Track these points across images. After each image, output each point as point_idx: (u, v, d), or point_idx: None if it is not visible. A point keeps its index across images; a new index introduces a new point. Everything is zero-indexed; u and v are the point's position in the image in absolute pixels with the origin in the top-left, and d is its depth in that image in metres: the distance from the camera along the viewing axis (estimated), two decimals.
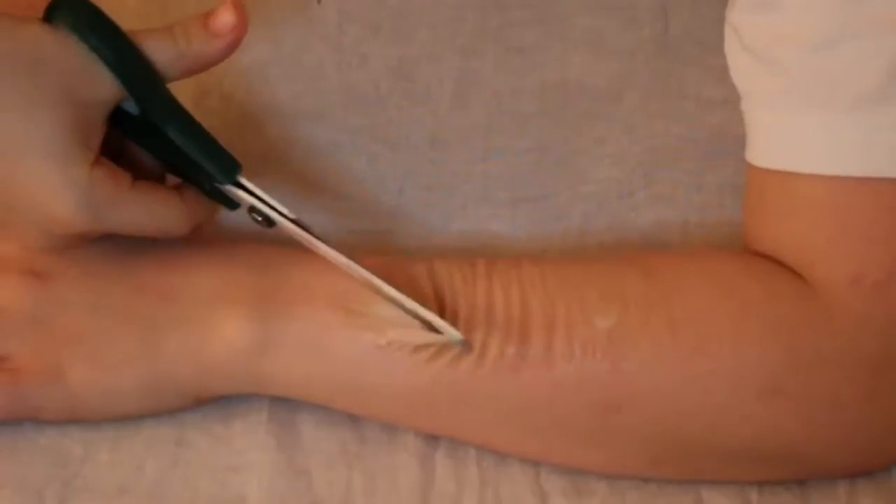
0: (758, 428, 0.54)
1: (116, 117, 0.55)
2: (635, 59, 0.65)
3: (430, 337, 0.54)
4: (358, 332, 0.56)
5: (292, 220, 0.56)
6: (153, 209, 0.55)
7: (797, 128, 0.54)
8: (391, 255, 0.63)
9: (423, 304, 0.54)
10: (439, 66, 0.66)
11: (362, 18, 0.65)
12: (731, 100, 0.64)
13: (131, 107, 0.55)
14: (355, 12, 0.65)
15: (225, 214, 0.60)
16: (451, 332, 0.54)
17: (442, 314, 0.55)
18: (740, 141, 0.60)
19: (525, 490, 0.57)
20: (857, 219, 0.53)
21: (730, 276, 0.56)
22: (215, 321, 0.57)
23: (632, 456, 0.56)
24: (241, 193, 0.56)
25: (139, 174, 0.56)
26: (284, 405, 0.59)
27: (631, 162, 0.65)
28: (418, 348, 0.55)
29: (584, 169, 0.65)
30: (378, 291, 0.55)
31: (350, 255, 0.56)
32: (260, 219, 0.56)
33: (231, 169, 0.56)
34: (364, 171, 0.65)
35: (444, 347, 0.55)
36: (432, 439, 0.58)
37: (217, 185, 0.56)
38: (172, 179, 0.59)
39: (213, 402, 0.59)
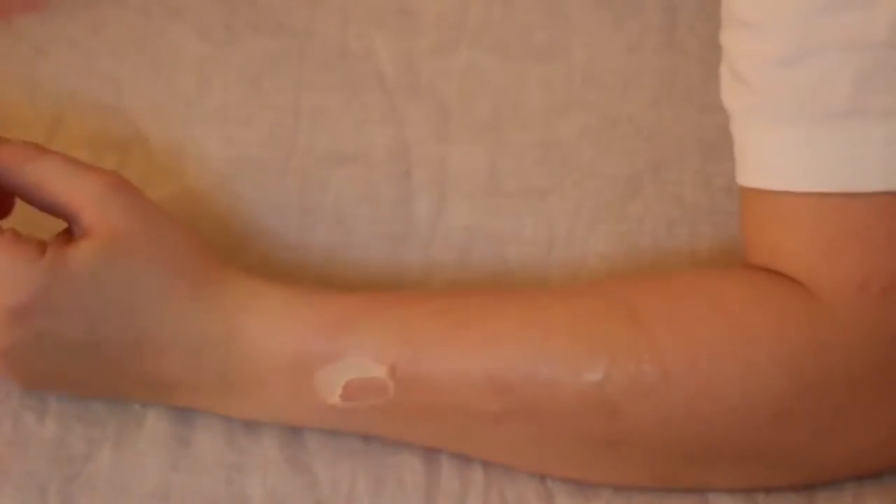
0: (766, 446, 0.54)
1: None
2: (641, 55, 0.65)
3: None
4: (318, 402, 0.56)
5: None
6: None
7: (769, 145, 0.53)
8: (392, 250, 0.63)
9: None
10: (445, 59, 0.65)
11: (367, 11, 0.65)
12: None
13: None
14: (360, 4, 0.64)
15: None
16: None
17: None
18: None
19: (530, 491, 0.57)
20: (855, 225, 0.52)
21: (732, 308, 0.54)
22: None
23: (637, 476, 0.56)
24: None
25: None
26: None
27: (638, 158, 0.64)
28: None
29: (591, 164, 0.64)
30: None
31: None
32: None
33: None
34: (369, 165, 0.65)
35: None
36: None
37: None
38: None
39: None
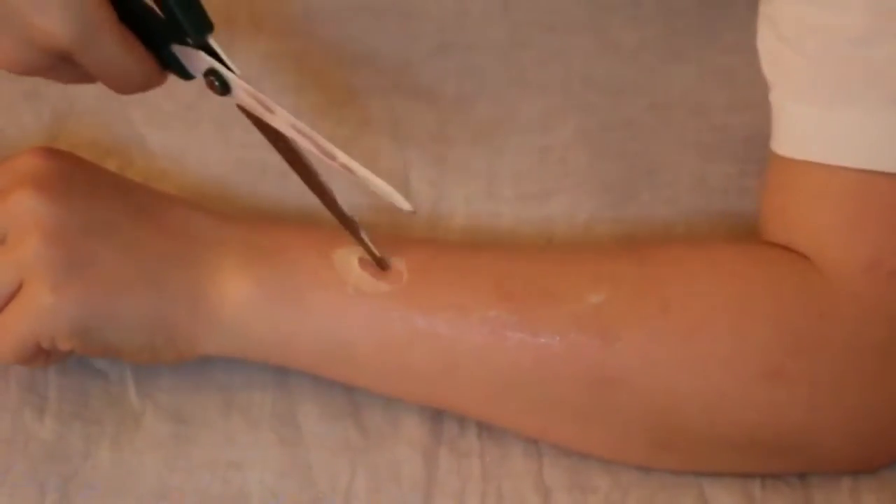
0: (759, 413, 0.54)
1: None
2: (638, 58, 0.65)
3: (381, 190, 0.54)
4: (338, 282, 0.56)
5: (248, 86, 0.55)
6: (129, 51, 0.53)
7: (829, 120, 0.53)
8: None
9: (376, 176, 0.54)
10: (443, 61, 0.66)
11: (367, 13, 0.65)
12: (735, 101, 0.65)
13: None
14: (359, 6, 0.65)
15: None
16: (401, 201, 0.53)
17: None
18: (744, 142, 0.61)
19: (527, 485, 0.57)
20: (879, 205, 0.53)
21: (730, 262, 0.55)
22: (209, 268, 0.56)
23: (631, 438, 0.56)
24: (202, 55, 0.54)
25: None
26: (286, 399, 0.59)
27: (635, 161, 0.65)
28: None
29: (589, 167, 0.65)
30: (332, 157, 0.54)
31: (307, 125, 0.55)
32: (217, 84, 0.54)
33: (203, 26, 0.54)
34: (368, 166, 0.65)
35: None
36: (435, 434, 0.58)
37: (181, 44, 0.54)
38: None
39: (214, 389, 0.59)
